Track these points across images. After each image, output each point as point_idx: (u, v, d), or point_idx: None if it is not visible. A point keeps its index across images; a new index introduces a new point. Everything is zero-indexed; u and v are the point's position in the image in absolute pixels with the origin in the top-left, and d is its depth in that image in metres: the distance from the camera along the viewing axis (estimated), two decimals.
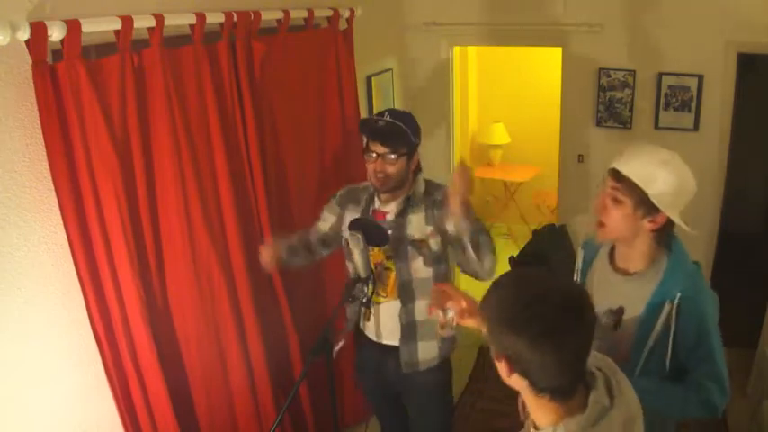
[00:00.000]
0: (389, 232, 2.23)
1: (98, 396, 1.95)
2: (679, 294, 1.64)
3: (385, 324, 2.34)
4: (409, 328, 2.27)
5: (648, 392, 1.52)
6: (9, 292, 1.68)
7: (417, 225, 2.24)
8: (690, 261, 1.75)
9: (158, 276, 2.09)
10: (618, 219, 1.67)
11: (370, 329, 2.38)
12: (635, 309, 1.72)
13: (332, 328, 2.08)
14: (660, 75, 3.68)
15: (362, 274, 2.19)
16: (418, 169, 2.31)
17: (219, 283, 2.27)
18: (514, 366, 1.14)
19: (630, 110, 3.80)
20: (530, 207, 5.73)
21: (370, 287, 2.24)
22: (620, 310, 1.76)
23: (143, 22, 1.87)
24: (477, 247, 2.05)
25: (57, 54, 1.70)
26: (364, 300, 2.26)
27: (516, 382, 1.17)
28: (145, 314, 1.97)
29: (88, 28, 1.69)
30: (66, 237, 1.78)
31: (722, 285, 4.26)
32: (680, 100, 3.68)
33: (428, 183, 2.33)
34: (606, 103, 3.83)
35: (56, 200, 1.75)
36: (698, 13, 3.50)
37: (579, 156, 4.05)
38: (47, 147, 1.70)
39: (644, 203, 1.63)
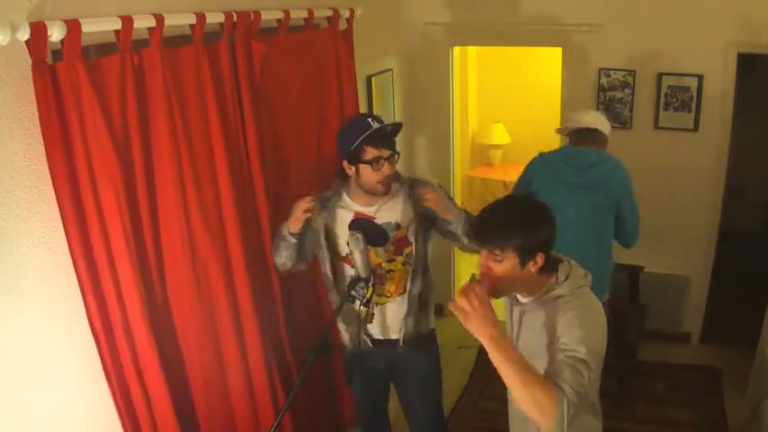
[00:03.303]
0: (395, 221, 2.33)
1: (97, 395, 1.95)
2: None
3: (392, 321, 2.43)
4: (417, 299, 2.40)
5: None
6: (8, 291, 1.68)
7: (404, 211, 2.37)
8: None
9: (158, 276, 2.09)
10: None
11: (373, 329, 2.44)
12: None
13: (331, 329, 2.09)
14: (660, 75, 3.68)
15: (362, 274, 2.19)
16: None
17: (218, 283, 2.27)
18: (546, 253, 1.70)
19: (630, 110, 3.80)
20: None
21: (370, 288, 2.26)
22: None
23: (143, 22, 1.87)
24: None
25: (57, 54, 1.70)
26: (364, 300, 2.26)
27: (536, 269, 1.69)
28: (145, 314, 1.97)
29: (88, 28, 1.69)
30: (65, 236, 1.78)
31: (722, 285, 4.31)
32: (680, 100, 3.68)
33: None
34: (606, 103, 3.83)
35: (55, 200, 1.75)
36: (698, 13, 3.50)
37: None
38: (46, 146, 1.69)
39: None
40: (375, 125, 2.22)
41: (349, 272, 2.37)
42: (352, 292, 2.24)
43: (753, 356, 3.48)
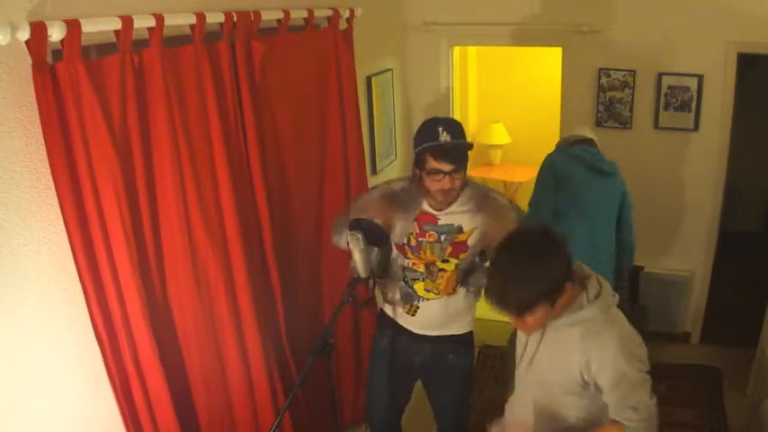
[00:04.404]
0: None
1: (99, 394, 1.95)
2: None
3: (434, 318, 2.41)
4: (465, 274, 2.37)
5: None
6: (10, 291, 1.68)
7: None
8: None
9: (158, 275, 2.09)
10: None
11: (412, 323, 2.44)
12: None
13: (332, 329, 2.09)
14: (660, 75, 3.68)
15: (362, 274, 2.19)
16: None
17: (218, 282, 2.27)
18: (570, 275, 1.68)
19: (630, 110, 3.80)
20: None
21: (370, 285, 2.26)
22: None
23: (143, 22, 1.87)
24: None
25: (57, 54, 1.70)
26: (365, 300, 2.26)
27: (567, 295, 1.69)
28: (145, 312, 1.97)
29: (88, 28, 1.69)
30: (66, 236, 1.78)
31: (722, 285, 4.32)
32: (680, 100, 3.69)
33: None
34: (606, 103, 3.83)
35: (56, 199, 1.75)
36: (698, 13, 3.50)
37: None
38: (47, 147, 1.69)
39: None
40: (443, 137, 2.13)
41: (401, 262, 2.36)
42: (353, 292, 2.23)
43: (753, 356, 3.48)
